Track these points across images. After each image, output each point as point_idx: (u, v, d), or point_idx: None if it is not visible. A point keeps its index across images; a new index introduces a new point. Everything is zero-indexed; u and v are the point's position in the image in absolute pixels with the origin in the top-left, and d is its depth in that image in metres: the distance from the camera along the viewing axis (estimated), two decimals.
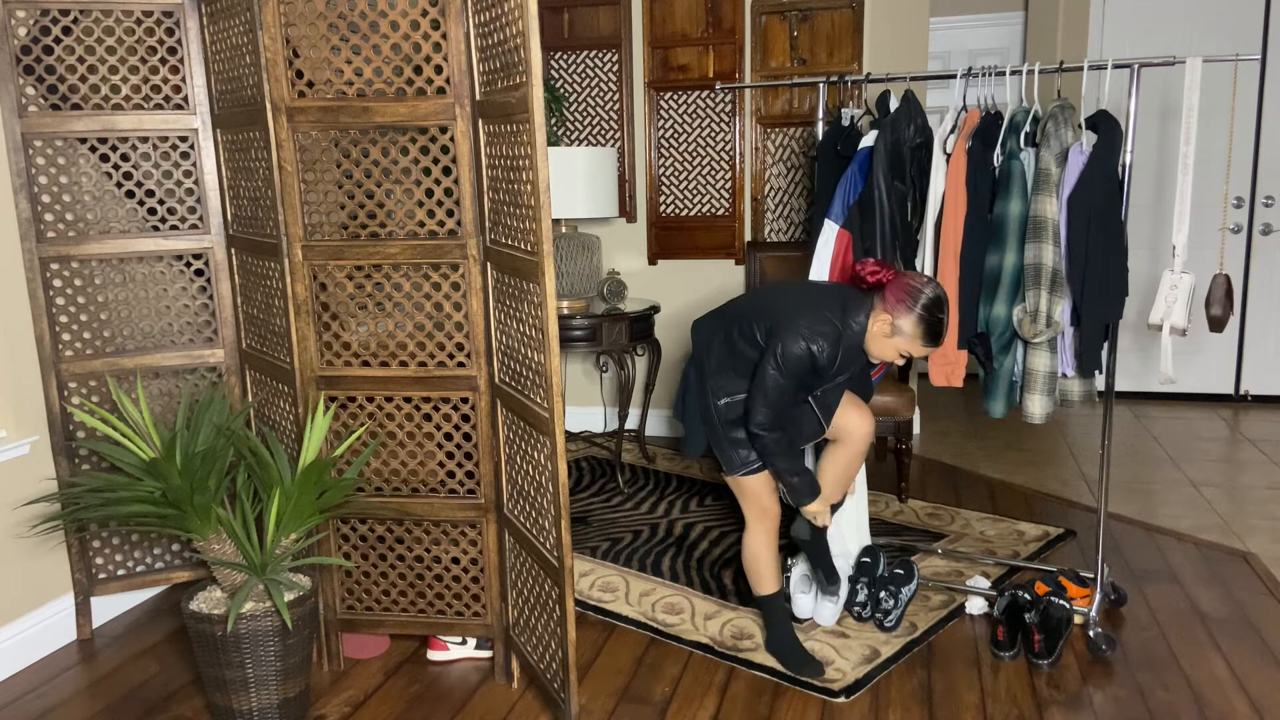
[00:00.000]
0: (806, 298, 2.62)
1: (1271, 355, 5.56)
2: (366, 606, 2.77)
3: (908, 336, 2.53)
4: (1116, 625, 2.98)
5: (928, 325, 2.51)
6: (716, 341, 2.70)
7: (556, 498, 2.24)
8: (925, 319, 2.50)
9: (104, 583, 3.04)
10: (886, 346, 2.57)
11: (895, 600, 2.96)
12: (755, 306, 2.68)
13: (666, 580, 3.33)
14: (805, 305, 2.58)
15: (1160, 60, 2.72)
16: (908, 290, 2.51)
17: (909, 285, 2.51)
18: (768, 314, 2.61)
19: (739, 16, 4.60)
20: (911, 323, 2.51)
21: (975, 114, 2.87)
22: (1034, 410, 2.81)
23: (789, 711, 2.55)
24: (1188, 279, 2.71)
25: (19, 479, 2.83)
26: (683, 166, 4.82)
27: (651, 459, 4.66)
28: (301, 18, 2.44)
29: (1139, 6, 5.46)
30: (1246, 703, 2.55)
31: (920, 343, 2.54)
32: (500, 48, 2.23)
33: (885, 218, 2.92)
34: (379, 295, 2.58)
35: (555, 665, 2.42)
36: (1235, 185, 5.46)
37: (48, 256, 2.83)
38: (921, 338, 2.53)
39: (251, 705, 2.42)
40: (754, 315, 2.64)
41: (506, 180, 2.30)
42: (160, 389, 3.04)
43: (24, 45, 2.75)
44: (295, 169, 2.50)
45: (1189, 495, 4.12)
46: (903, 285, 2.52)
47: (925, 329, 2.51)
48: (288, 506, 2.42)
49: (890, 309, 2.52)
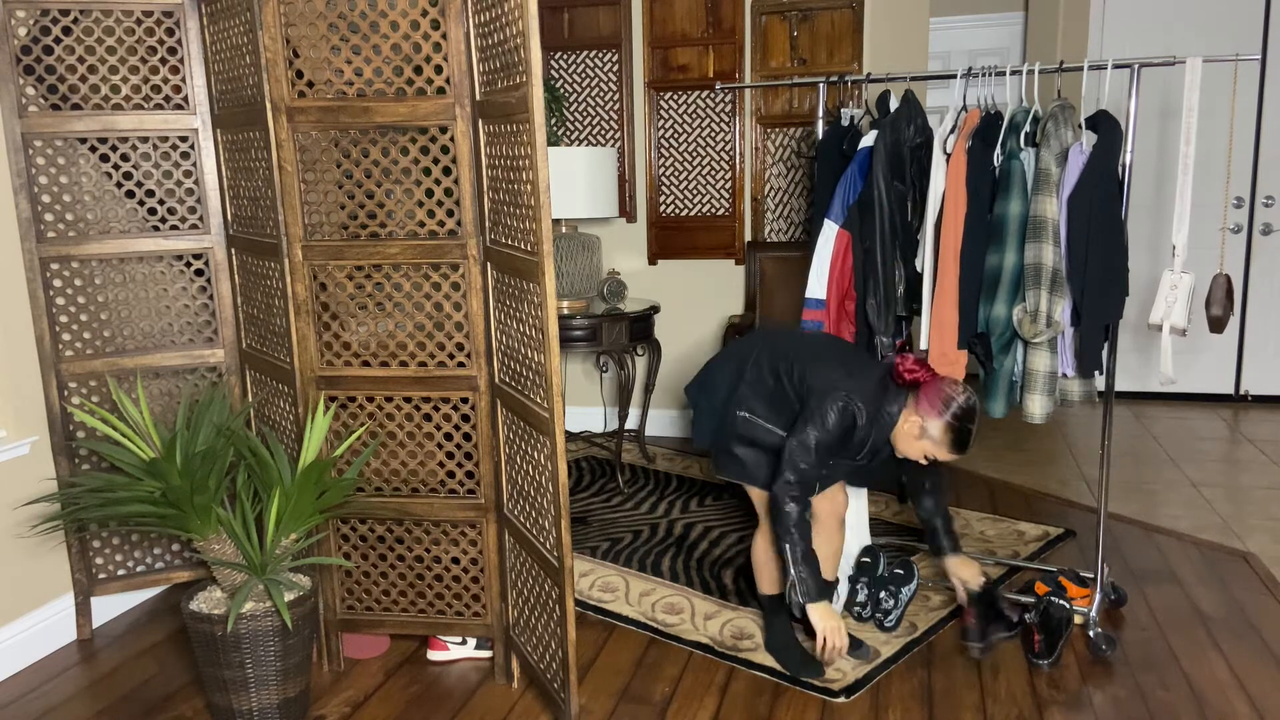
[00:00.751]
0: (850, 365, 2.58)
1: (1271, 355, 5.55)
2: (366, 606, 2.77)
3: (935, 441, 2.49)
4: (1116, 625, 2.98)
5: (956, 434, 2.46)
6: (764, 360, 2.66)
7: (556, 498, 2.24)
8: (954, 428, 2.46)
9: (104, 583, 3.04)
10: (913, 446, 2.53)
11: (895, 600, 2.96)
12: (800, 352, 2.63)
13: (666, 580, 3.33)
14: (849, 371, 2.54)
15: (1160, 60, 2.72)
16: (941, 397, 2.46)
17: (943, 392, 2.47)
18: (810, 367, 2.57)
19: (739, 16, 4.60)
20: (940, 429, 2.46)
21: (975, 114, 2.87)
22: (1034, 410, 2.81)
23: (789, 711, 2.55)
24: (1188, 279, 2.71)
25: (19, 479, 2.83)
26: (683, 166, 4.82)
27: (651, 459, 4.65)
28: (301, 18, 2.44)
29: (1139, 6, 5.46)
30: (1246, 703, 2.55)
31: (946, 449, 2.49)
32: (500, 48, 2.23)
33: (885, 218, 2.92)
34: (379, 295, 2.58)
35: (555, 665, 2.42)
36: (1235, 185, 5.46)
37: (48, 256, 2.83)
38: (949, 446, 2.48)
39: (251, 705, 2.42)
40: (795, 359, 2.60)
41: (506, 180, 2.30)
42: (160, 389, 3.04)
43: (24, 45, 2.75)
44: (295, 169, 2.50)
45: (1189, 495, 4.12)
46: (937, 390, 2.47)
47: (953, 438, 2.47)
48: (288, 506, 2.42)
49: (922, 411, 2.48)
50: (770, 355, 2.66)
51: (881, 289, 2.95)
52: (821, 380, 2.52)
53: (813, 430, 2.48)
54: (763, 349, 2.70)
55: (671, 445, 4.89)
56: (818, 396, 2.50)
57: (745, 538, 3.66)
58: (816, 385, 2.52)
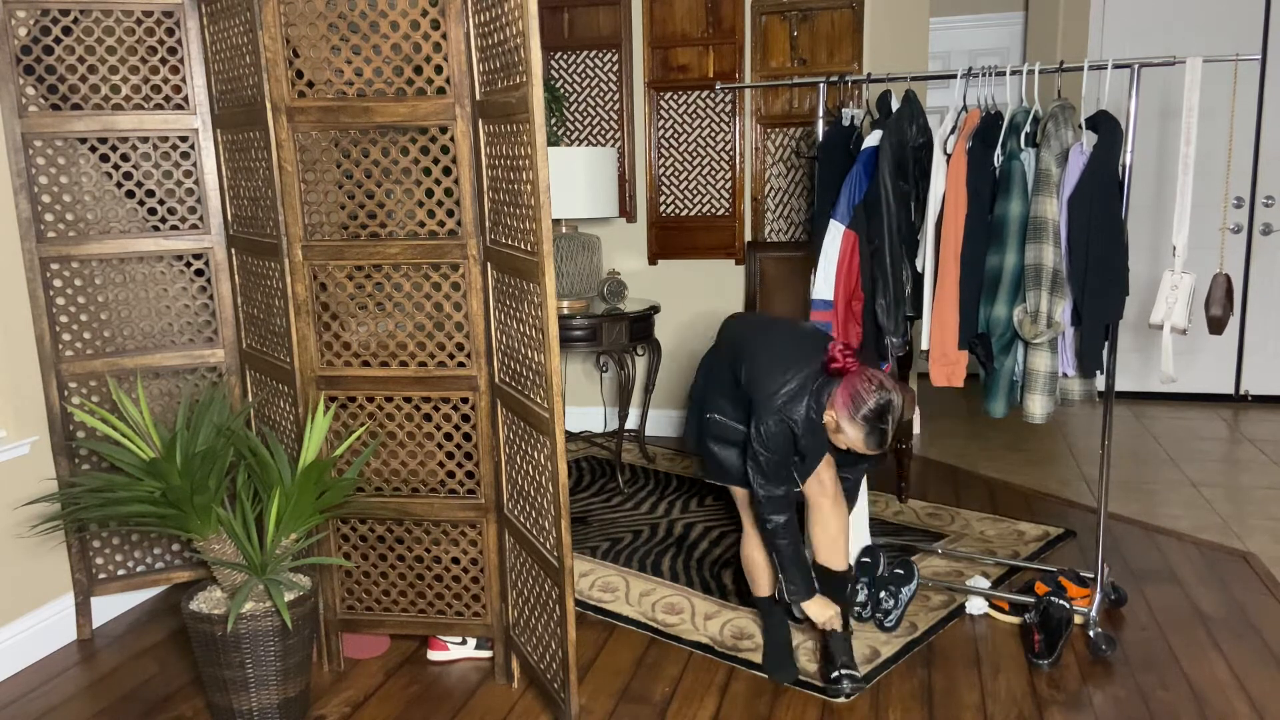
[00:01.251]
0: (790, 360, 2.49)
1: (1271, 355, 5.55)
2: (366, 606, 2.77)
3: (849, 438, 2.42)
4: (1116, 625, 2.98)
5: (868, 433, 2.39)
6: (726, 357, 2.64)
7: (556, 498, 2.24)
8: (866, 428, 2.39)
9: (104, 583, 3.04)
10: (836, 438, 2.47)
11: (895, 600, 2.96)
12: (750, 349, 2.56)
13: (666, 580, 3.33)
14: (787, 367, 2.47)
15: (1160, 60, 2.72)
16: (853, 396, 2.38)
17: (856, 390, 2.37)
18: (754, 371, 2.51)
19: (739, 16, 4.60)
20: (854, 428, 2.40)
21: (975, 114, 2.87)
22: (1035, 410, 2.81)
23: (789, 711, 2.55)
24: (1188, 279, 2.71)
25: (19, 479, 2.83)
26: (683, 166, 4.82)
27: (651, 459, 4.65)
28: (301, 18, 2.44)
29: (1139, 6, 5.46)
30: (1246, 703, 2.55)
31: (863, 446, 2.42)
32: (500, 48, 2.23)
33: (893, 217, 2.91)
34: (379, 295, 2.58)
35: (555, 665, 2.42)
36: (1235, 185, 5.46)
37: (48, 256, 2.83)
38: (864, 443, 2.42)
39: (251, 705, 2.42)
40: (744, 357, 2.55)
41: (506, 180, 2.30)
42: (160, 389, 3.04)
43: (24, 45, 2.75)
44: (295, 169, 2.50)
45: (1189, 495, 4.12)
46: (850, 388, 2.38)
47: (866, 435, 2.40)
48: (288, 506, 2.42)
49: (836, 408, 2.41)
50: (730, 352, 2.63)
51: (891, 289, 2.95)
52: (760, 389, 2.47)
53: (758, 443, 2.45)
54: (726, 346, 2.67)
55: (671, 445, 4.89)
56: (759, 408, 2.46)
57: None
58: (757, 395, 2.47)
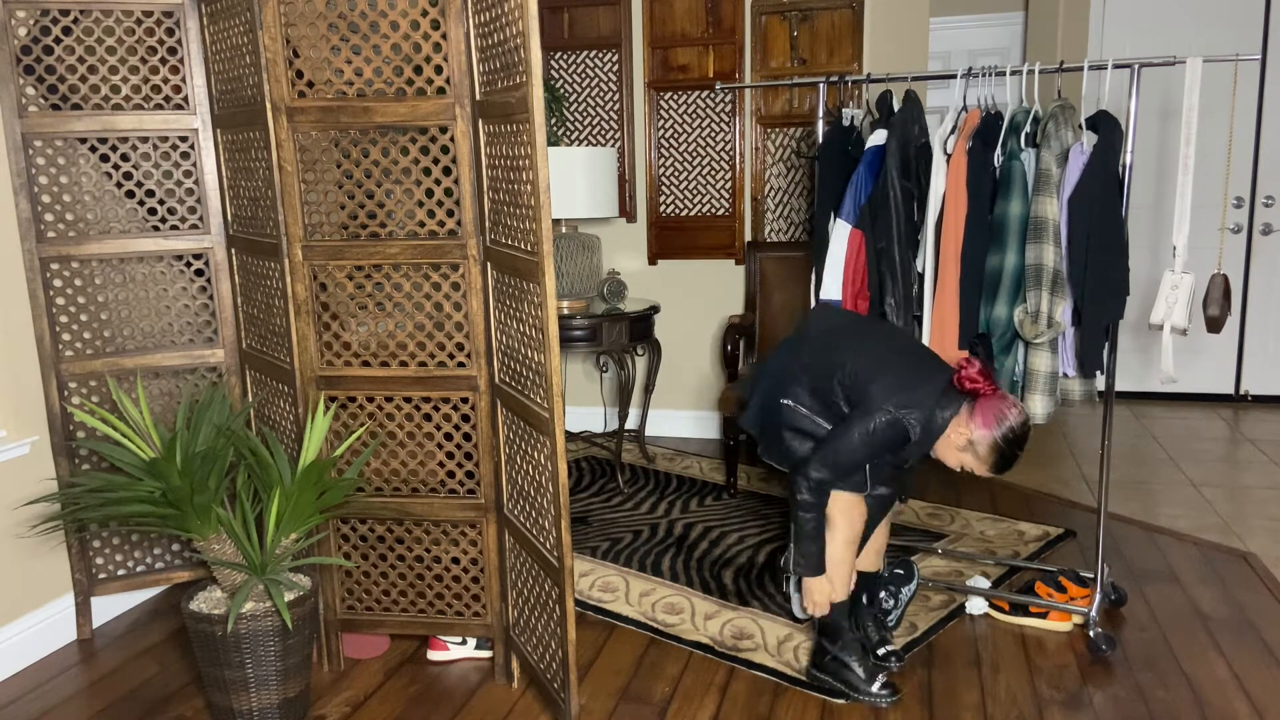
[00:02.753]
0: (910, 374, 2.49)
1: (1271, 355, 5.55)
2: (366, 606, 2.77)
3: (977, 457, 2.44)
4: (1116, 625, 2.98)
5: (1000, 454, 2.42)
6: (819, 351, 2.60)
7: (556, 498, 2.24)
8: (1001, 449, 2.41)
9: (104, 583, 3.04)
10: (954, 455, 2.47)
11: (895, 600, 2.96)
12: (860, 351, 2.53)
13: (666, 580, 3.33)
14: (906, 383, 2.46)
15: (1160, 60, 2.72)
16: (996, 413, 2.40)
17: (999, 409, 2.40)
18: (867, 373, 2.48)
19: (739, 16, 4.60)
20: (987, 446, 2.41)
21: (975, 114, 2.87)
22: (1035, 410, 2.81)
23: (789, 711, 2.55)
24: (1188, 279, 2.71)
25: (19, 479, 2.83)
26: (683, 166, 4.82)
27: (651, 459, 4.65)
28: (301, 18, 2.44)
29: (1139, 6, 5.46)
30: (1246, 703, 2.54)
31: (986, 467, 2.45)
32: (500, 48, 2.23)
33: (900, 217, 2.91)
34: (379, 295, 2.58)
35: (555, 665, 2.42)
36: (1235, 185, 5.46)
37: (48, 256, 2.83)
38: (990, 464, 2.44)
39: (251, 705, 2.42)
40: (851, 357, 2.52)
41: (506, 180, 2.30)
42: (160, 389, 3.04)
43: (24, 45, 2.75)
44: (295, 169, 2.50)
45: (1189, 495, 4.12)
46: (994, 406, 2.41)
47: (998, 458, 2.42)
48: (288, 506, 2.42)
49: (974, 424, 2.42)
50: (825, 347, 2.60)
51: (900, 288, 2.95)
52: (878, 391, 2.45)
53: (858, 435, 2.44)
54: (819, 339, 2.64)
55: (671, 445, 4.89)
56: (870, 405, 2.44)
57: (745, 538, 3.66)
58: (872, 395, 2.45)
